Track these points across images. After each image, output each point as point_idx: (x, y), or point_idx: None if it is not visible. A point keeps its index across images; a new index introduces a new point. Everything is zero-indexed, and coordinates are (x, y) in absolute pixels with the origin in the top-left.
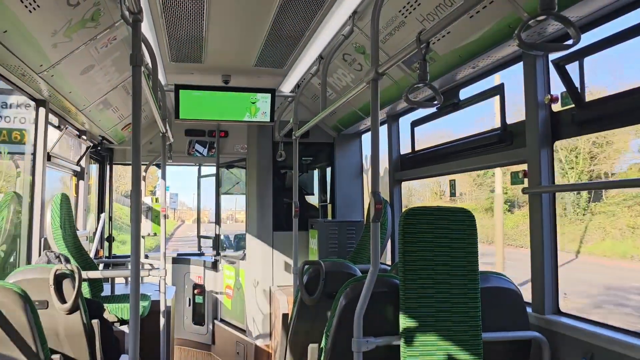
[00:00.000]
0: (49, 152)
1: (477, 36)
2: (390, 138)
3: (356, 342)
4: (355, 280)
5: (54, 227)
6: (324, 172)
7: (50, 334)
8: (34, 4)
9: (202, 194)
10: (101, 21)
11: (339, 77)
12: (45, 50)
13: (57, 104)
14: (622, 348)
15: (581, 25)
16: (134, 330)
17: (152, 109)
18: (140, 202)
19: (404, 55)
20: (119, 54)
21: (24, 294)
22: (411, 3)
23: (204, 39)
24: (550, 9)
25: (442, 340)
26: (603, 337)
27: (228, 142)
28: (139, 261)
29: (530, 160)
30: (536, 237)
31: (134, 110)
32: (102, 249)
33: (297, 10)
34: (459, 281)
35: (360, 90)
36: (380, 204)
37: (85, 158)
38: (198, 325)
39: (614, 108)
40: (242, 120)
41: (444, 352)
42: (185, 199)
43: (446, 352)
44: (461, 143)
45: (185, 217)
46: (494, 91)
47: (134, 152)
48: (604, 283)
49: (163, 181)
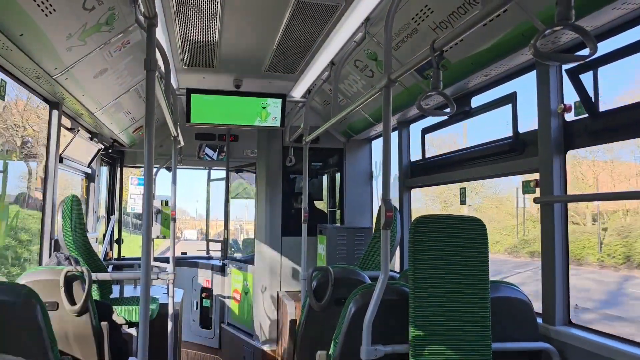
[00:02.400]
0: (61, 154)
1: (490, 44)
2: (401, 145)
3: (365, 350)
4: (365, 287)
5: (65, 229)
6: (333, 177)
7: (59, 336)
8: (50, 8)
9: (210, 200)
10: (115, 25)
11: (350, 84)
12: (60, 53)
13: (70, 107)
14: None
15: (596, 34)
16: (143, 333)
17: (165, 113)
18: (151, 205)
19: (417, 63)
20: (132, 58)
21: (35, 295)
22: (424, 11)
23: (216, 44)
24: (567, 19)
25: (452, 350)
26: (614, 350)
27: (238, 146)
28: (150, 264)
29: (542, 169)
30: (547, 248)
31: (147, 115)
32: (111, 250)
33: (310, 17)
34: (469, 290)
35: (372, 96)
36: (391, 211)
37: (97, 160)
38: (205, 328)
39: (629, 118)
40: (252, 124)
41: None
42: (187, 205)
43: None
44: (472, 151)
45: (187, 227)
46: (506, 99)
47: (147, 155)
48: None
49: (173, 185)
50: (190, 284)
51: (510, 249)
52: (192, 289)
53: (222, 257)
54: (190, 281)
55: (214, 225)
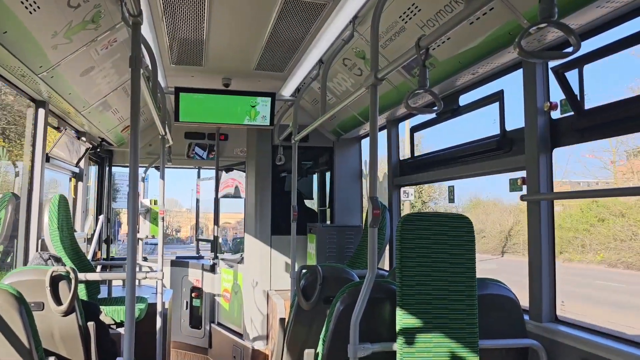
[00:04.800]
0: (48, 153)
1: (477, 43)
2: (390, 143)
3: (352, 348)
4: (352, 285)
5: (52, 229)
6: (323, 176)
7: (45, 336)
8: (34, 5)
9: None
10: (102, 23)
11: (339, 82)
12: (45, 51)
13: (56, 105)
14: (619, 356)
15: (581, 33)
16: (129, 333)
17: (152, 112)
18: (137, 205)
19: (404, 61)
20: (119, 56)
21: (19, 296)
22: (411, 9)
23: (204, 42)
24: (550, 17)
25: (439, 347)
26: (600, 345)
27: (227, 145)
28: (135, 264)
29: (528, 167)
30: (534, 245)
31: (132, 113)
32: (99, 250)
33: (298, 15)
34: (456, 288)
35: (359, 95)
36: (378, 209)
37: (85, 160)
38: (195, 328)
39: (614, 116)
40: (241, 123)
41: (440, 358)
42: (182, 198)
43: (443, 358)
44: (460, 149)
45: (182, 223)
46: (493, 97)
47: (132, 154)
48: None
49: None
50: (180, 284)
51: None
52: (182, 288)
53: (213, 257)
54: (180, 281)
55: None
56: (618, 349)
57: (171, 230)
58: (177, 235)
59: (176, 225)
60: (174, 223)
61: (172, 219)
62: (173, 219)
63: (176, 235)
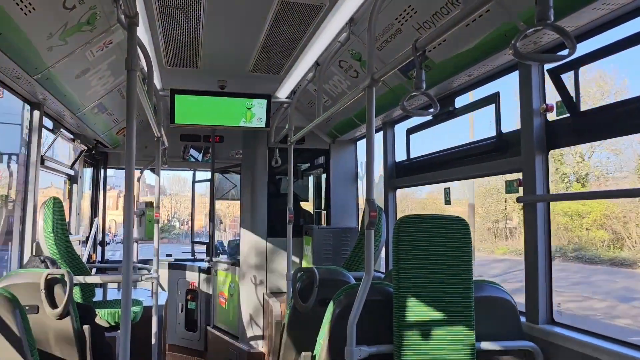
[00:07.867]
0: (43, 155)
1: (473, 45)
2: (386, 145)
3: (349, 351)
4: (348, 287)
5: (46, 231)
6: (319, 178)
7: (40, 339)
8: (29, 7)
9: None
10: (97, 25)
11: (335, 84)
12: (40, 53)
13: (51, 107)
14: (615, 358)
15: (576, 35)
16: (125, 336)
17: (147, 113)
18: (132, 207)
19: (400, 63)
20: (115, 58)
21: (13, 299)
22: (407, 11)
23: (200, 43)
24: (546, 19)
25: (436, 350)
26: (597, 348)
27: (223, 147)
28: (130, 266)
29: (525, 169)
30: (530, 246)
31: (128, 115)
32: (94, 253)
33: (294, 17)
34: (453, 290)
35: (355, 97)
36: (375, 211)
37: (79, 162)
38: (191, 331)
39: (610, 117)
40: (237, 125)
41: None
42: (183, 190)
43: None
44: (456, 151)
45: (182, 210)
46: (489, 100)
47: (128, 156)
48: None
49: (157, 185)
50: (176, 286)
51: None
52: (177, 291)
53: (208, 259)
54: (175, 283)
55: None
56: (614, 350)
57: (178, 219)
58: (185, 228)
59: (185, 214)
60: (182, 210)
61: (180, 204)
62: (181, 205)
63: (184, 229)
